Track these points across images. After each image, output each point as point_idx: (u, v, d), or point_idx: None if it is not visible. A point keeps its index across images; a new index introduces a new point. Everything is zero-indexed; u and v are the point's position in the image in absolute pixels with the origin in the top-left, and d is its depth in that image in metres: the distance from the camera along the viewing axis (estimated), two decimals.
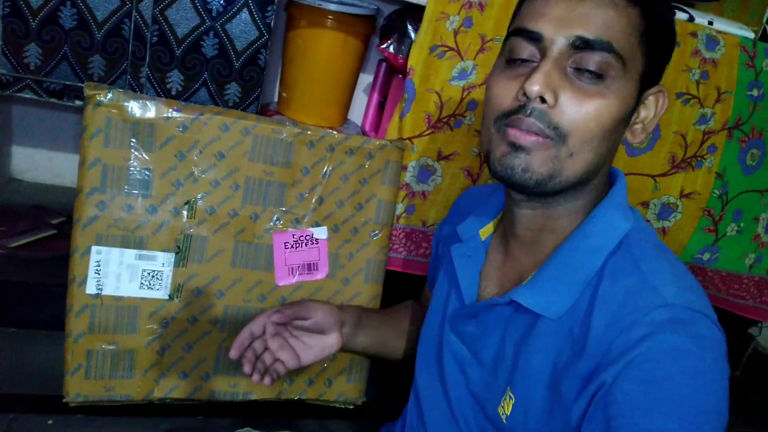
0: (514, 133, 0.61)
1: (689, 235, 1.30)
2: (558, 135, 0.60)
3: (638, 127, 0.66)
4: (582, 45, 0.59)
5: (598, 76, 0.60)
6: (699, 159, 1.25)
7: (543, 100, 0.59)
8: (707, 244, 1.32)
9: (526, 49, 0.62)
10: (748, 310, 1.41)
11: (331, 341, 0.89)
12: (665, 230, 1.29)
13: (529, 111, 0.60)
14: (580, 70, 0.60)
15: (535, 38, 0.61)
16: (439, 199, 1.17)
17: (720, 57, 1.20)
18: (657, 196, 1.26)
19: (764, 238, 1.36)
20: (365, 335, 0.94)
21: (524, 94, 0.60)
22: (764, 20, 1.29)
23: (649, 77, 0.64)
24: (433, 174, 1.15)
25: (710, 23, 1.21)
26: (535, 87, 0.59)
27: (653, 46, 0.62)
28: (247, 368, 0.80)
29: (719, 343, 0.57)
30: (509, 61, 0.64)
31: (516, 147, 0.61)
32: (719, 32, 1.21)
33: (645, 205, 1.26)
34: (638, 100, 0.64)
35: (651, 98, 0.66)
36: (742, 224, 1.33)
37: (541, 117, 0.60)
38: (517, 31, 0.63)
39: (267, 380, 0.81)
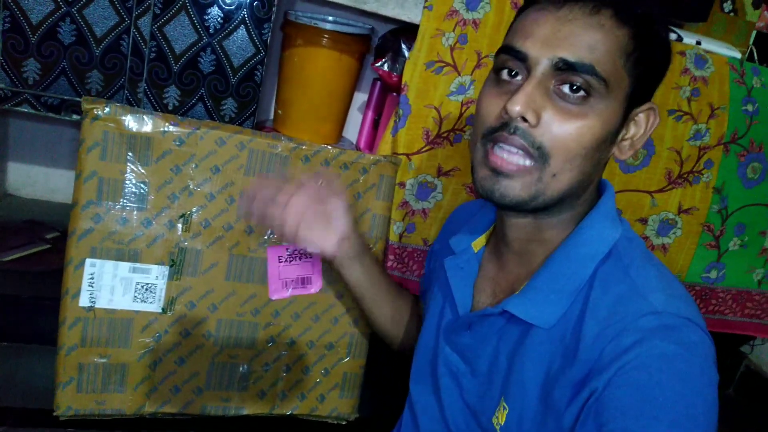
0: (494, 160, 0.63)
1: (692, 252, 1.31)
2: (541, 155, 0.61)
3: (626, 144, 0.67)
4: (564, 67, 0.60)
5: (582, 96, 0.61)
6: (696, 174, 1.26)
7: (525, 120, 0.61)
8: (711, 260, 1.33)
9: (513, 67, 0.64)
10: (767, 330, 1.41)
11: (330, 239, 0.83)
12: (666, 247, 1.29)
13: (512, 129, 0.62)
14: (563, 90, 0.61)
15: (520, 57, 0.62)
16: (440, 216, 1.17)
17: (710, 75, 1.23)
18: (655, 212, 1.27)
19: None
20: (362, 270, 0.87)
21: (506, 112, 0.61)
22: (750, 42, 1.32)
23: (638, 96, 0.65)
24: (433, 191, 1.15)
25: (698, 43, 1.24)
26: (516, 107, 0.60)
27: (642, 66, 0.63)
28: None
29: (708, 349, 0.58)
30: (498, 75, 0.65)
31: (497, 173, 0.63)
32: (707, 52, 1.23)
33: (644, 221, 1.27)
34: (625, 118, 0.65)
35: (641, 116, 0.67)
36: (746, 238, 1.33)
37: (525, 136, 0.61)
38: (505, 48, 0.64)
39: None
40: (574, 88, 0.60)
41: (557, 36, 0.61)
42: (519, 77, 0.63)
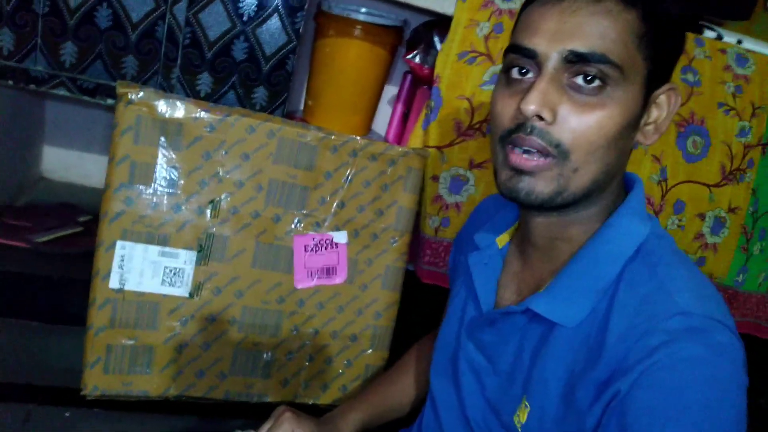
0: (515, 159, 0.61)
1: (732, 254, 1.28)
2: (560, 152, 0.60)
3: (650, 128, 0.65)
4: (576, 59, 0.58)
5: (597, 86, 0.59)
6: (741, 172, 1.24)
7: (541, 118, 0.59)
8: (742, 264, 1.30)
9: (523, 65, 0.62)
10: None
11: None
12: (716, 247, 1.26)
13: (529, 129, 0.60)
14: (577, 83, 0.59)
15: (529, 55, 0.61)
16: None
17: (751, 74, 1.19)
18: (712, 208, 1.24)
19: None
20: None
21: (521, 113, 0.60)
22: None
23: (657, 77, 0.62)
24: (465, 184, 1.14)
25: (739, 42, 1.20)
26: (531, 107, 0.59)
27: (657, 47, 0.61)
28: None
29: (737, 352, 0.56)
30: (509, 75, 0.64)
31: (519, 171, 0.61)
32: (748, 51, 1.20)
33: (702, 217, 1.24)
34: (646, 102, 0.63)
35: (662, 97, 0.64)
36: (765, 243, 1.31)
37: (542, 135, 0.59)
38: (512, 48, 0.63)
39: None
40: (589, 78, 0.59)
41: (564, 28, 0.59)
42: (530, 74, 0.62)
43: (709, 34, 1.20)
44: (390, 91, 1.44)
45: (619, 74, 0.59)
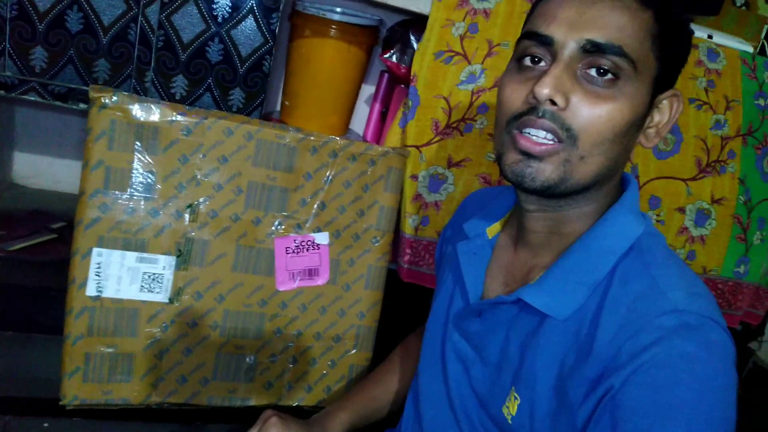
0: (524, 142, 0.61)
1: (725, 245, 1.30)
2: (570, 137, 0.60)
3: (652, 131, 0.66)
4: (593, 49, 0.59)
5: (610, 79, 0.60)
6: (722, 164, 1.25)
7: (553, 103, 0.60)
8: (741, 254, 1.32)
9: (538, 52, 0.63)
10: None
11: None
12: (704, 239, 1.28)
13: (540, 113, 0.60)
14: (591, 74, 0.60)
15: (546, 42, 0.61)
16: (452, 208, 1.16)
17: (722, 68, 1.22)
18: (691, 201, 1.26)
19: None
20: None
21: (534, 96, 0.60)
22: (762, 36, 1.31)
23: (663, 81, 0.64)
24: (444, 182, 1.14)
25: (710, 37, 1.23)
26: (545, 90, 0.59)
27: (667, 50, 0.62)
28: None
29: (728, 350, 0.57)
30: (521, 63, 0.64)
31: (528, 155, 0.62)
32: (719, 45, 1.22)
33: (681, 210, 1.26)
34: (651, 104, 0.64)
35: (665, 102, 0.66)
36: (765, 233, 1.33)
37: (554, 118, 0.60)
38: (528, 34, 0.63)
39: None
40: (602, 71, 0.60)
41: (583, 18, 0.60)
42: (543, 63, 0.62)
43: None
44: (367, 90, 1.43)
45: (633, 69, 0.60)
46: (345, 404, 0.90)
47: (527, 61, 0.63)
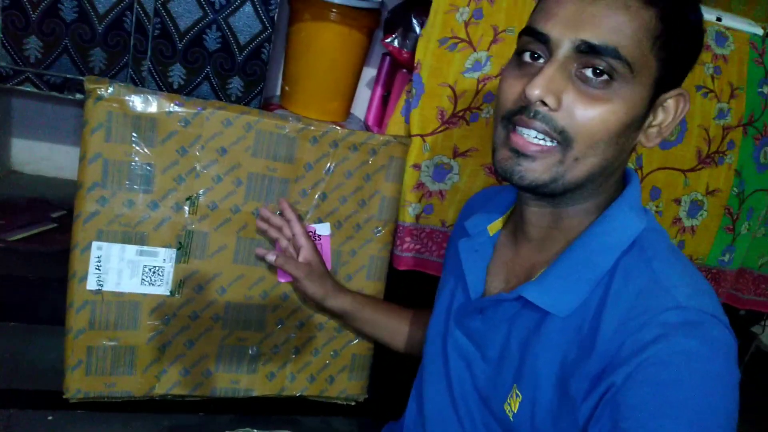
0: (517, 140, 0.61)
1: (713, 234, 1.29)
2: (564, 139, 0.60)
3: (653, 131, 0.65)
4: (587, 50, 0.58)
5: (605, 81, 0.59)
6: (720, 155, 1.24)
7: (544, 104, 0.59)
8: (727, 244, 1.31)
9: (536, 49, 0.62)
10: None
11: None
12: (694, 229, 1.27)
13: (532, 113, 0.60)
14: (586, 74, 0.59)
15: (542, 39, 0.60)
16: (458, 198, 1.14)
17: (729, 53, 1.19)
18: (687, 193, 1.24)
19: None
20: (345, 298, 0.97)
21: (525, 96, 0.59)
22: None
23: (667, 81, 0.62)
24: (449, 172, 1.12)
25: (719, 19, 1.19)
26: (535, 91, 0.58)
27: (671, 50, 0.60)
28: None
29: (731, 347, 0.56)
30: (521, 57, 0.63)
31: (519, 153, 0.61)
32: (728, 28, 1.19)
33: (677, 201, 1.24)
34: (652, 104, 0.62)
35: (670, 102, 0.64)
36: (753, 223, 1.32)
37: (546, 120, 0.59)
38: (527, 30, 0.62)
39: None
40: (597, 71, 0.58)
41: (580, 17, 0.58)
42: (541, 60, 0.61)
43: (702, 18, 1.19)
44: (368, 73, 1.41)
45: (628, 71, 0.58)
46: (357, 297, 0.99)
47: (526, 57, 0.63)
